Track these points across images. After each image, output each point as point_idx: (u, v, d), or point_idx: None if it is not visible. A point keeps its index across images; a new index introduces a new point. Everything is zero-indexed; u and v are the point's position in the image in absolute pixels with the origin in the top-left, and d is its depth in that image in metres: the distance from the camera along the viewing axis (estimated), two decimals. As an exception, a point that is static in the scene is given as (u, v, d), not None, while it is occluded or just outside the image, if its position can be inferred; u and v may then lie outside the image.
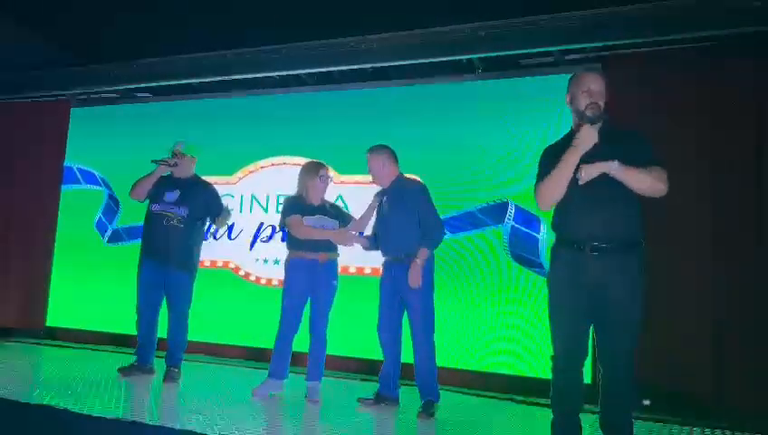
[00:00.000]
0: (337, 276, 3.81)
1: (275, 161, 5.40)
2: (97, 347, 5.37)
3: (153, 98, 6.05)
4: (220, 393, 3.79)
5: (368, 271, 4.76)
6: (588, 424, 2.62)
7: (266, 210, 5.37)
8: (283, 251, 5.06)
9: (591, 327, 2.54)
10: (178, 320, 4.07)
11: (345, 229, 3.84)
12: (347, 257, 3.93)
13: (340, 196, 4.87)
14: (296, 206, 3.80)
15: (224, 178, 5.43)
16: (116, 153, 5.89)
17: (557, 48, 4.43)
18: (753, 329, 3.77)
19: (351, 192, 4.90)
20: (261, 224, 5.35)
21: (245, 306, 5.22)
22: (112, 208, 5.94)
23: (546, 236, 4.36)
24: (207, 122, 5.62)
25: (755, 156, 3.92)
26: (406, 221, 3.54)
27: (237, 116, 5.60)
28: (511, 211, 4.51)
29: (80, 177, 6.15)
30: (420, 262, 3.42)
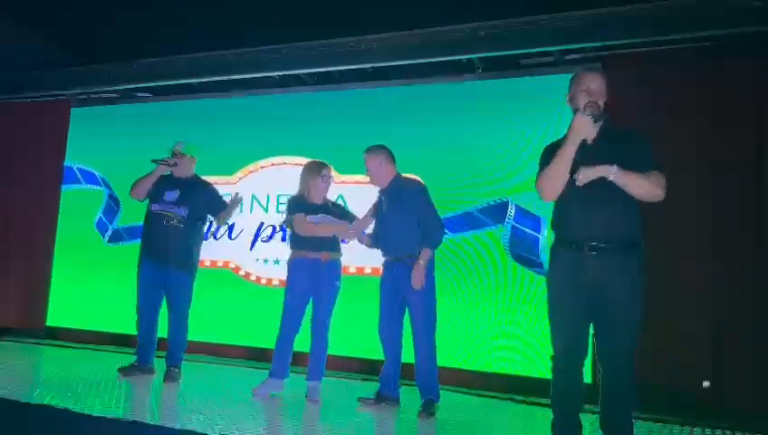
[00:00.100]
0: (340, 276, 3.80)
1: (275, 161, 5.41)
2: (97, 347, 5.37)
3: (153, 98, 6.05)
4: (220, 393, 3.79)
5: (368, 271, 4.76)
6: (588, 424, 2.62)
7: (266, 210, 5.37)
8: (284, 251, 5.10)
9: (591, 327, 2.54)
10: (178, 320, 4.07)
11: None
12: (347, 257, 3.92)
13: (340, 195, 4.87)
14: (299, 205, 3.80)
15: (224, 178, 5.43)
16: (116, 153, 5.89)
17: (557, 48, 4.43)
18: (753, 329, 3.77)
19: (352, 192, 4.91)
20: (261, 224, 5.35)
21: (246, 306, 5.22)
22: (113, 208, 5.95)
23: (546, 235, 4.36)
24: (207, 122, 5.62)
25: (755, 156, 3.92)
26: (405, 221, 3.54)
27: (237, 116, 5.60)
28: (511, 211, 4.52)
29: (80, 176, 6.15)
30: (423, 263, 3.42)
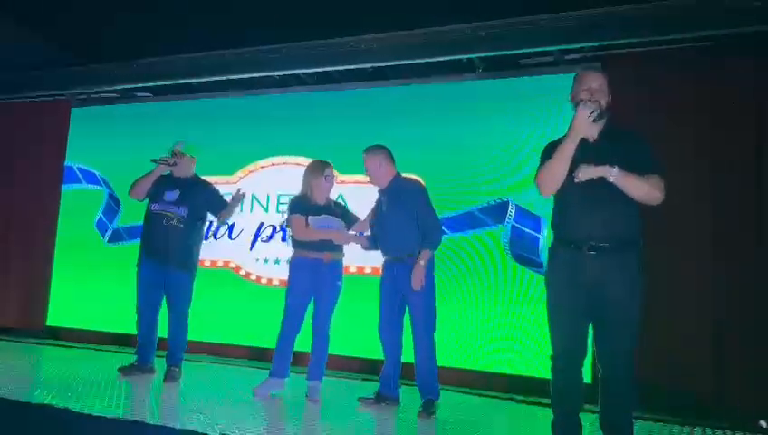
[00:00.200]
0: (341, 277, 3.79)
1: (276, 161, 5.41)
2: (98, 347, 5.37)
3: (153, 98, 6.06)
4: (221, 393, 3.79)
5: (368, 270, 4.76)
6: (588, 424, 2.62)
7: (267, 210, 5.38)
8: (284, 251, 5.14)
9: (590, 326, 2.54)
10: (178, 320, 4.07)
11: (348, 231, 3.83)
12: (347, 257, 3.92)
13: (340, 195, 4.87)
14: (301, 205, 3.77)
15: (224, 177, 5.43)
16: (116, 153, 5.89)
17: (557, 48, 4.43)
18: (753, 329, 3.77)
19: (352, 192, 4.90)
20: (261, 224, 5.35)
21: (246, 306, 5.22)
22: (113, 208, 5.95)
23: (546, 235, 4.36)
24: (208, 122, 5.62)
25: (755, 156, 3.92)
26: (404, 221, 3.54)
27: (237, 116, 5.60)
28: (511, 211, 4.52)
29: (80, 176, 6.15)
30: (423, 263, 3.43)
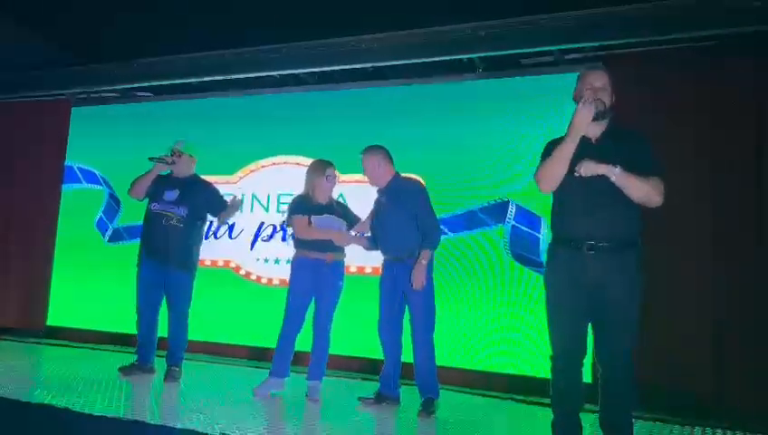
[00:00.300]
0: (343, 277, 3.79)
1: (276, 161, 5.41)
2: (98, 347, 5.37)
3: (154, 97, 6.05)
4: (221, 392, 3.79)
5: (368, 270, 4.76)
6: (588, 423, 2.62)
7: (267, 210, 5.38)
8: (284, 250, 5.14)
9: (590, 326, 2.54)
10: (179, 319, 4.07)
11: (349, 232, 3.83)
12: (347, 256, 3.92)
13: (341, 194, 4.87)
14: (303, 205, 3.77)
15: (224, 177, 5.43)
16: (117, 152, 5.88)
17: (557, 48, 4.44)
18: (753, 329, 3.77)
19: (352, 191, 4.90)
20: (261, 223, 5.35)
21: (246, 306, 5.22)
22: (113, 208, 5.94)
23: (546, 235, 4.36)
24: (208, 122, 5.62)
25: (755, 156, 3.92)
26: (404, 221, 3.54)
27: (238, 115, 5.60)
28: (511, 211, 4.52)
29: (80, 176, 6.15)
30: (425, 263, 3.43)
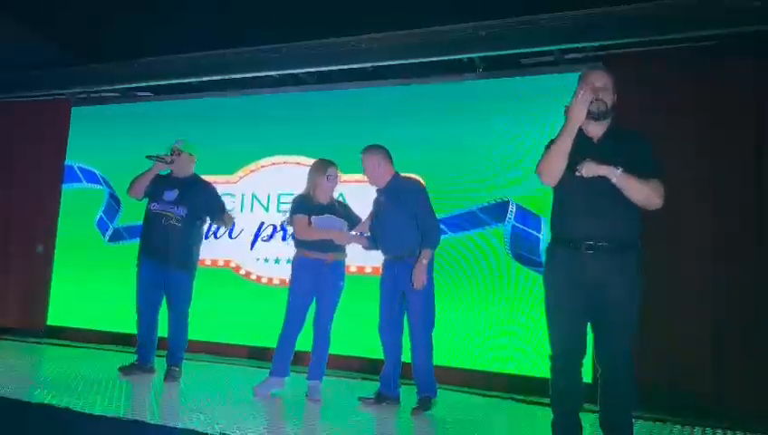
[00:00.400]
0: (344, 277, 3.79)
1: (276, 160, 5.40)
2: (98, 346, 5.37)
3: (154, 97, 6.06)
4: (221, 392, 3.80)
5: (368, 270, 4.76)
6: (588, 423, 2.62)
7: (267, 209, 5.37)
8: (284, 250, 5.14)
9: (589, 326, 2.54)
10: (178, 319, 4.07)
11: (350, 232, 3.82)
12: (347, 256, 3.92)
13: (341, 194, 4.87)
14: (304, 205, 3.75)
15: (225, 177, 5.43)
16: (117, 152, 5.87)
17: (557, 48, 4.44)
18: (753, 329, 3.77)
19: (353, 191, 4.90)
20: (262, 223, 5.35)
21: (246, 305, 5.22)
22: (113, 207, 5.94)
23: (547, 235, 4.35)
24: (208, 121, 5.61)
25: (755, 156, 3.92)
26: (404, 220, 3.54)
27: (238, 115, 5.60)
28: (512, 210, 4.52)
29: (81, 176, 6.15)
30: (426, 262, 3.43)
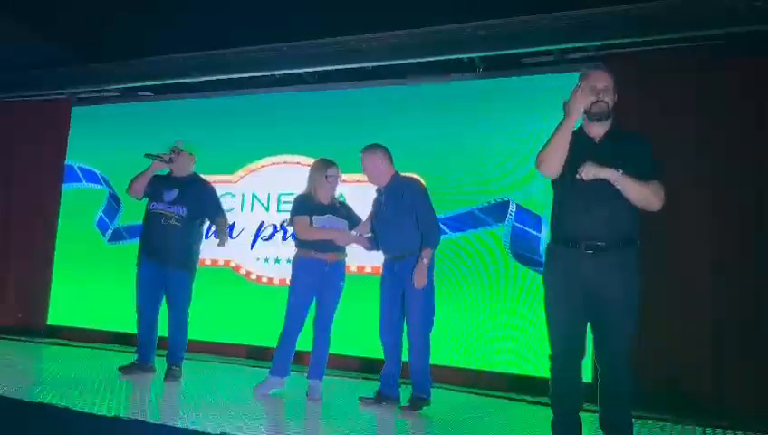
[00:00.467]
0: (344, 277, 3.78)
1: (276, 160, 5.40)
2: (98, 346, 5.37)
3: (154, 96, 6.06)
4: (221, 392, 3.79)
5: (368, 270, 4.76)
6: (588, 423, 2.62)
7: (267, 209, 5.37)
8: (284, 250, 5.14)
9: (589, 326, 2.54)
10: (179, 319, 4.06)
11: (351, 232, 3.81)
12: (348, 256, 3.92)
13: (341, 194, 4.87)
14: (305, 205, 3.74)
15: (225, 176, 5.43)
16: (117, 152, 5.87)
17: (557, 47, 4.44)
18: (753, 329, 3.77)
19: (353, 191, 4.90)
20: (262, 223, 5.35)
21: (246, 305, 5.23)
22: (113, 207, 5.94)
23: (547, 235, 4.35)
24: (209, 121, 5.62)
25: (755, 156, 3.92)
26: (405, 220, 3.54)
27: (238, 115, 5.60)
28: (512, 210, 4.52)
29: (81, 175, 6.15)
30: (427, 262, 3.43)
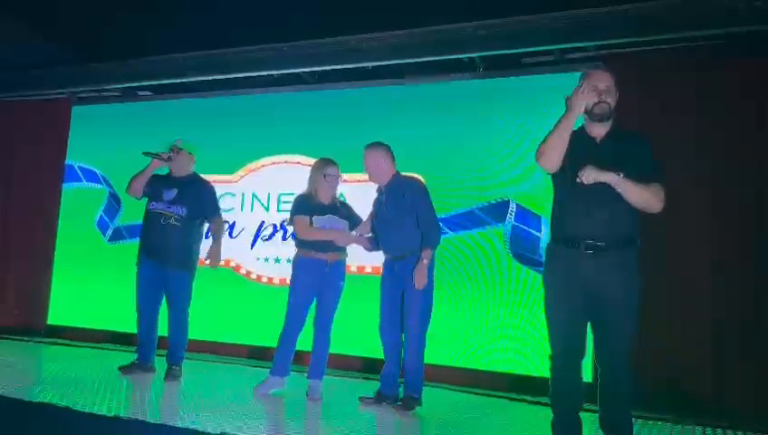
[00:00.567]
0: (344, 277, 3.78)
1: (277, 160, 5.40)
2: (98, 345, 5.37)
3: (154, 96, 6.06)
4: (221, 391, 3.80)
5: (368, 270, 4.75)
6: (588, 423, 2.62)
7: (267, 209, 5.37)
8: (284, 250, 5.14)
9: (589, 325, 2.54)
10: (179, 318, 4.06)
11: (352, 232, 3.81)
12: (348, 256, 3.92)
13: (341, 194, 4.87)
14: (305, 205, 3.73)
15: (225, 176, 5.43)
16: (117, 151, 5.86)
17: (557, 47, 4.44)
18: (753, 329, 3.77)
19: (353, 191, 4.90)
20: (262, 222, 5.35)
21: (246, 305, 5.23)
22: (114, 207, 5.94)
23: (547, 235, 4.35)
24: (209, 120, 5.61)
25: (755, 156, 3.92)
26: (405, 219, 3.53)
27: (239, 114, 5.59)
28: (512, 210, 4.52)
29: (81, 175, 6.15)
30: (427, 262, 3.43)
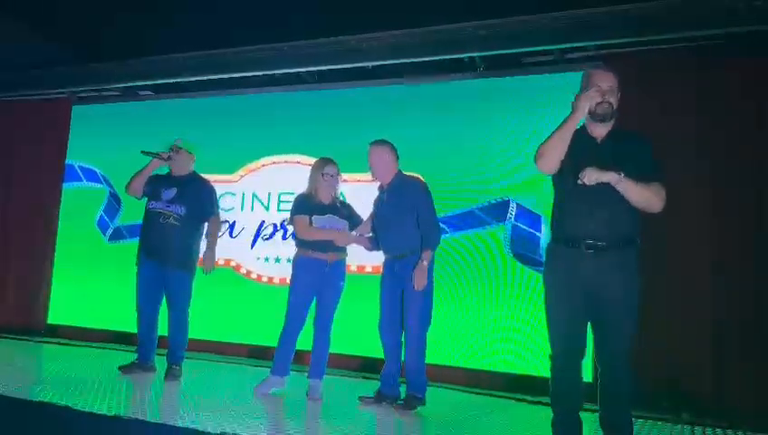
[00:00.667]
0: (344, 277, 3.78)
1: (277, 160, 5.41)
2: (98, 345, 5.37)
3: (154, 96, 6.06)
4: (221, 391, 3.80)
5: (369, 269, 4.76)
6: (588, 423, 2.62)
7: (267, 208, 5.37)
8: (284, 249, 5.14)
9: (589, 325, 2.54)
10: (179, 318, 4.06)
11: (352, 232, 3.80)
12: (348, 255, 3.92)
13: (341, 194, 4.86)
14: (305, 205, 3.73)
15: (225, 176, 5.43)
16: (117, 151, 5.86)
17: (557, 47, 4.44)
18: (753, 329, 3.77)
19: (353, 191, 4.89)
20: (262, 222, 5.35)
21: (246, 305, 5.23)
22: (114, 206, 5.94)
23: (547, 234, 4.35)
24: (209, 120, 5.62)
25: (755, 156, 3.92)
26: (405, 218, 3.53)
27: (239, 114, 5.60)
28: (512, 210, 4.52)
29: (81, 174, 6.15)
30: (427, 263, 3.43)
